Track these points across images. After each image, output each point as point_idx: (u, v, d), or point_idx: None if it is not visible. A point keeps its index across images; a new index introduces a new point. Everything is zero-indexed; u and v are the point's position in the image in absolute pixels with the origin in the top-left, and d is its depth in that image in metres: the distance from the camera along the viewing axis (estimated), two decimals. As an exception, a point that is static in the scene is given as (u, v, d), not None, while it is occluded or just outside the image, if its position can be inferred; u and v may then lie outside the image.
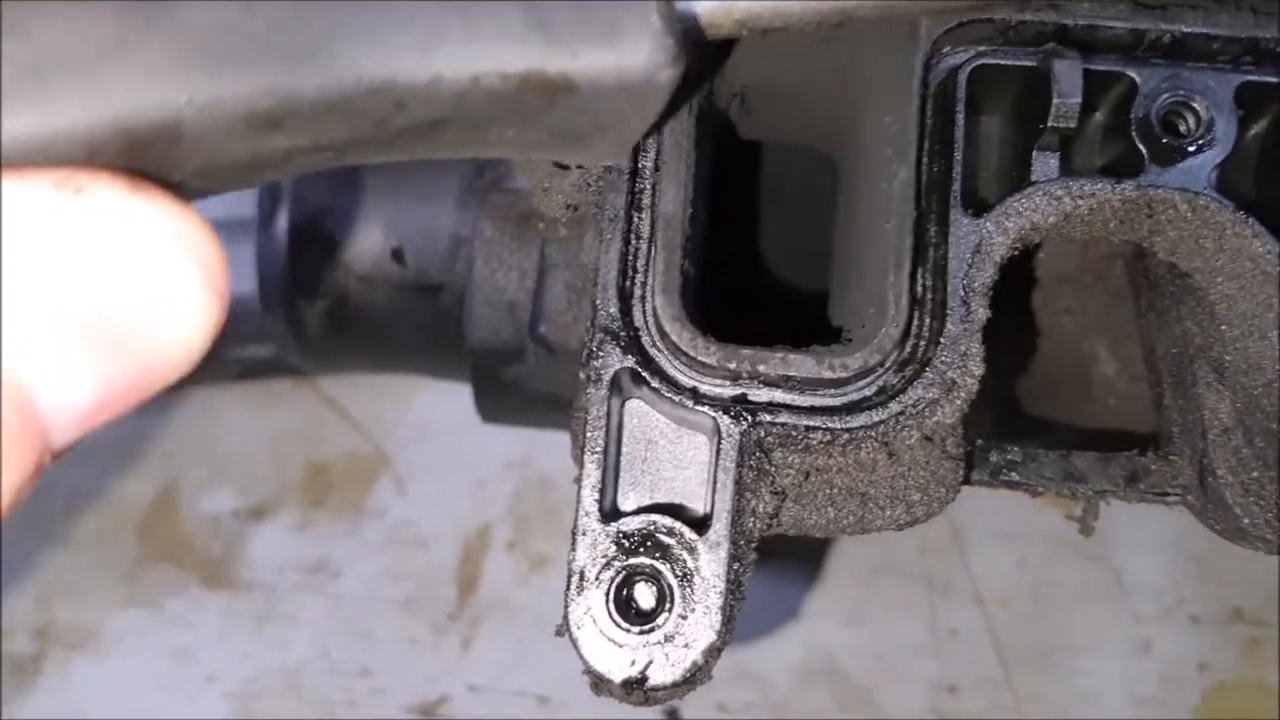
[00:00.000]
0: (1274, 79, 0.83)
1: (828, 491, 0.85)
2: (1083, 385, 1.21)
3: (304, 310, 1.34)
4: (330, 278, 1.31)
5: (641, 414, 0.85)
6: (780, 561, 1.72)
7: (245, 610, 1.76)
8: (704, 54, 0.72)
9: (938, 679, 1.66)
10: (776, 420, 0.82)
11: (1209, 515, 0.90)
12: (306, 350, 1.39)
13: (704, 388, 0.83)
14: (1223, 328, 0.87)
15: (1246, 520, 0.86)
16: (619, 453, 0.84)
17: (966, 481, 0.89)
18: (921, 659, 1.67)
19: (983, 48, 0.86)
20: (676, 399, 0.82)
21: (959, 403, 0.82)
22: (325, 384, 1.85)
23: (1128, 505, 0.96)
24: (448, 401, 1.67)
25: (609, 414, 0.82)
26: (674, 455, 0.85)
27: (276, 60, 0.55)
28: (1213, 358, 0.88)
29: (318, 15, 0.56)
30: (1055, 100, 0.81)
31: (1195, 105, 0.83)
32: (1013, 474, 0.93)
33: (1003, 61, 0.85)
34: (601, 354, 0.82)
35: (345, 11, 0.57)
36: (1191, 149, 0.82)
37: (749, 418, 0.82)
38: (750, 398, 0.82)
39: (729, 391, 0.83)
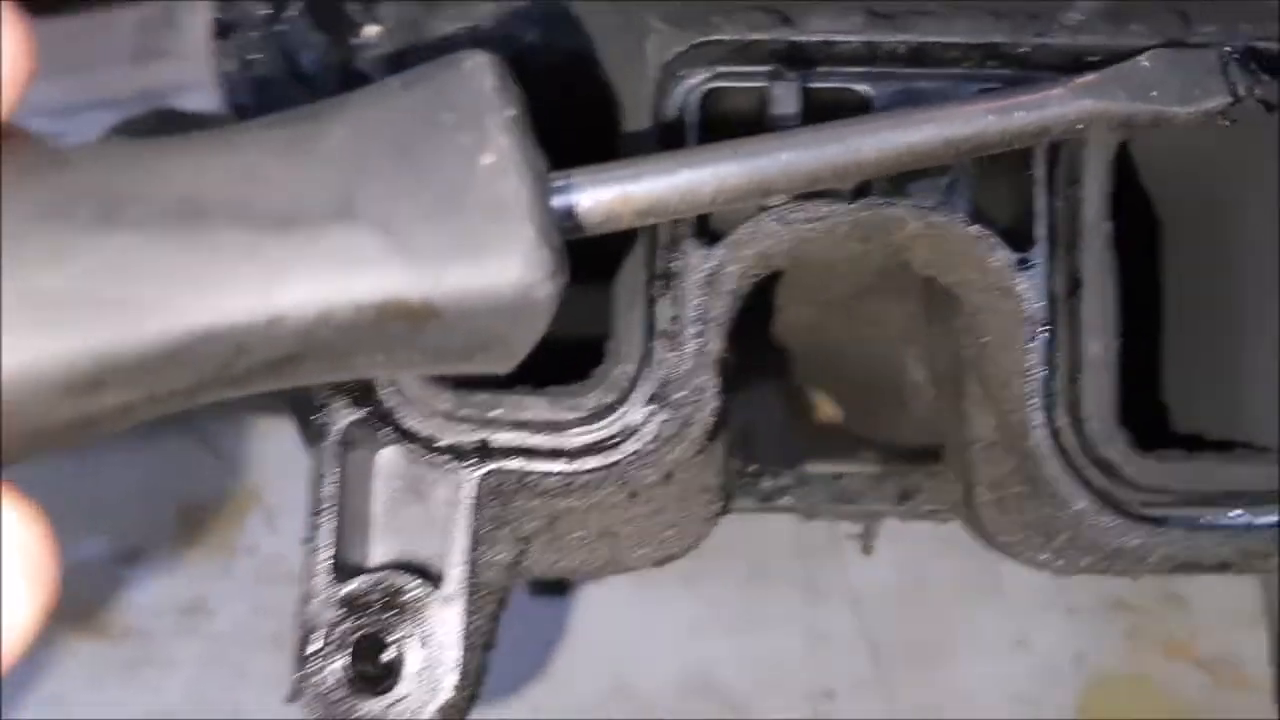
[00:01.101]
0: (1004, 85, 0.82)
1: (578, 534, 0.84)
2: (896, 395, 1.20)
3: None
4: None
5: (390, 464, 0.83)
6: (654, 576, 1.71)
7: (118, 657, 1.73)
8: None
9: (815, 685, 1.65)
10: (511, 466, 0.80)
11: (977, 531, 0.89)
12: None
13: (444, 435, 0.80)
14: (983, 339, 0.85)
15: (1002, 538, 0.84)
16: (364, 506, 0.82)
17: (726, 511, 0.88)
18: (799, 666, 1.66)
19: (719, 68, 0.83)
20: (412, 449, 0.80)
21: (695, 438, 0.80)
22: (195, 421, 1.82)
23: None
24: (316, 432, 1.64)
25: (343, 468, 0.80)
26: (422, 507, 0.82)
27: (89, 318, 0.49)
28: (979, 370, 0.87)
29: (135, 263, 0.49)
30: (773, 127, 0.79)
31: (930, 118, 0.81)
32: (785, 498, 0.92)
33: (734, 84, 0.83)
34: (329, 406, 0.80)
35: (167, 254, 0.50)
36: (921, 164, 0.80)
37: (484, 464, 0.80)
38: (492, 443, 0.80)
39: (471, 437, 0.81)
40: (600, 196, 0.62)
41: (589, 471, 0.80)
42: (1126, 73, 0.75)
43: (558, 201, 0.60)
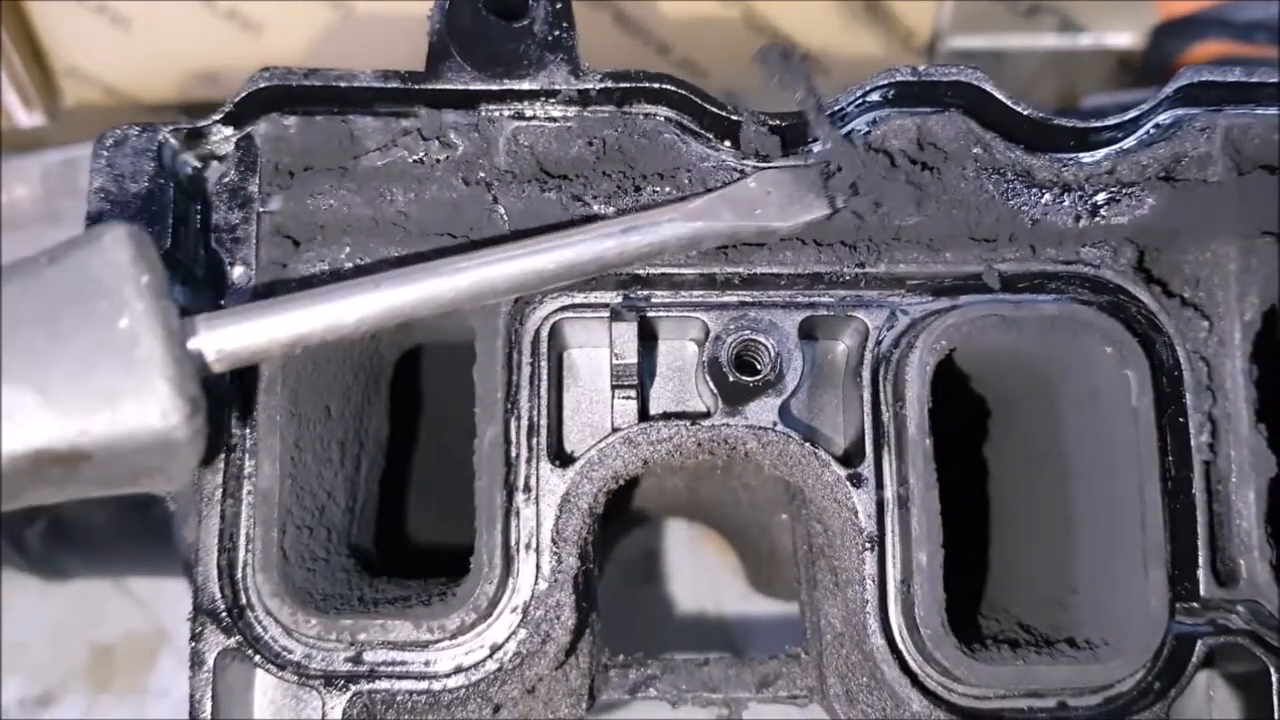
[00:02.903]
0: (831, 313, 0.88)
1: (446, 746, 0.87)
2: (771, 557, 1.25)
3: (23, 530, 1.33)
4: (44, 498, 1.31)
5: (267, 683, 0.87)
6: None
7: (30, 804, 1.72)
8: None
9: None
10: (378, 687, 0.84)
11: (832, 717, 0.94)
12: (31, 565, 1.38)
13: (314, 660, 0.84)
14: (829, 533, 0.90)
15: (853, 726, 0.89)
16: (242, 723, 0.86)
17: (592, 708, 0.92)
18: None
19: (573, 297, 0.88)
20: (280, 674, 0.84)
21: (554, 654, 0.84)
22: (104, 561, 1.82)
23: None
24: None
25: (215, 696, 0.83)
26: (305, 726, 0.86)
27: None
28: (830, 560, 0.92)
29: None
30: (613, 361, 0.85)
31: (765, 343, 0.86)
32: (650, 689, 0.96)
33: (581, 316, 0.88)
34: (202, 637, 0.84)
35: None
36: (758, 386, 0.86)
37: (352, 687, 0.83)
38: (361, 664, 0.84)
39: (341, 659, 0.84)
40: (244, 338, 0.72)
41: (453, 690, 0.84)
42: (733, 195, 0.84)
43: (200, 346, 0.70)
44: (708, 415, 0.87)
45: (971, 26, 1.91)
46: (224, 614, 0.84)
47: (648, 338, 0.90)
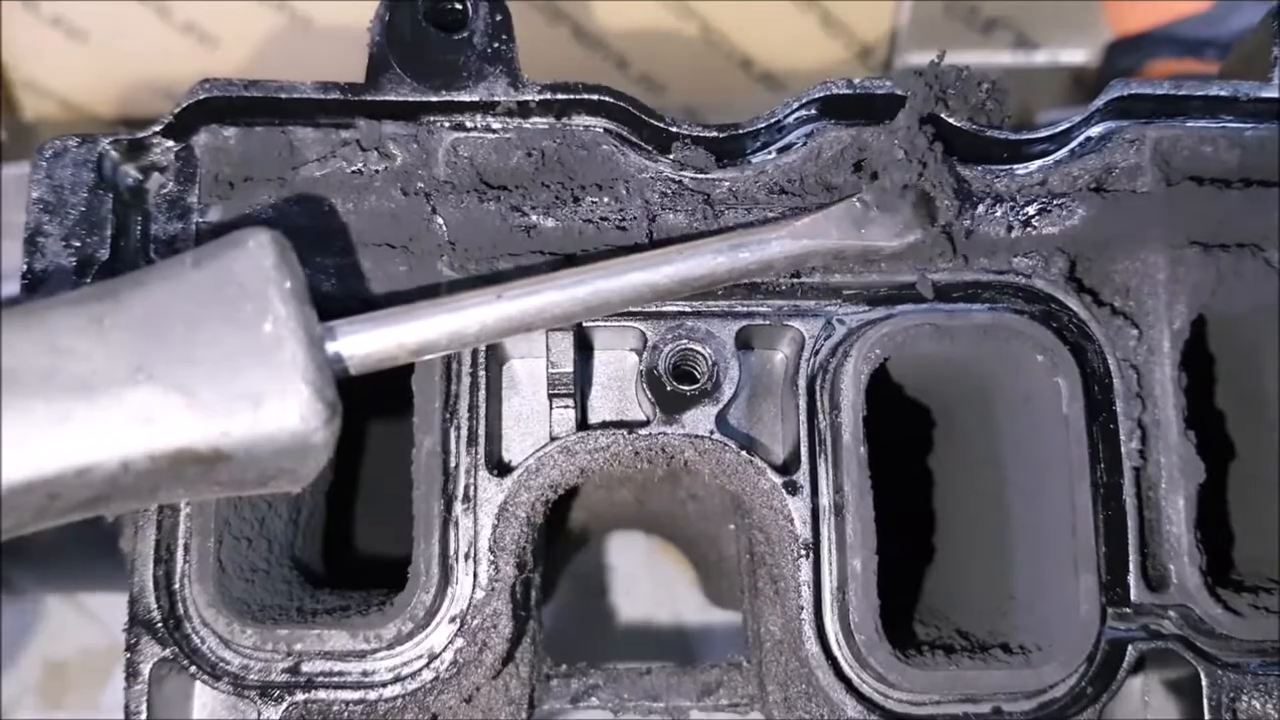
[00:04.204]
0: (767, 322, 0.88)
1: (387, 755, 0.87)
2: (719, 566, 1.26)
3: (-31, 544, 1.32)
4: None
5: (205, 694, 0.86)
6: None
7: (-19, 824, 1.71)
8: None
9: None
10: (315, 697, 0.83)
11: (773, 725, 0.94)
12: (-20, 580, 1.37)
13: (251, 671, 0.84)
14: (769, 540, 0.91)
15: (790, 736, 0.89)
16: (180, 735, 0.85)
17: (532, 717, 0.92)
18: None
19: None
20: (216, 685, 0.83)
21: (491, 663, 0.85)
22: (59, 577, 1.81)
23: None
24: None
25: (151, 706, 0.83)
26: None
27: None
28: (769, 568, 0.92)
29: None
30: (549, 370, 0.85)
31: (702, 352, 0.87)
32: (592, 698, 0.96)
33: (519, 329, 0.88)
34: (138, 648, 0.83)
35: None
36: (695, 395, 0.87)
37: (288, 698, 0.83)
38: (299, 674, 0.84)
39: (281, 665, 0.84)
40: (377, 343, 0.73)
41: (390, 700, 0.84)
42: (839, 213, 0.85)
43: (338, 350, 0.71)
44: (646, 424, 0.88)
45: (928, 42, 1.93)
46: (160, 625, 0.83)
47: (586, 347, 0.91)
